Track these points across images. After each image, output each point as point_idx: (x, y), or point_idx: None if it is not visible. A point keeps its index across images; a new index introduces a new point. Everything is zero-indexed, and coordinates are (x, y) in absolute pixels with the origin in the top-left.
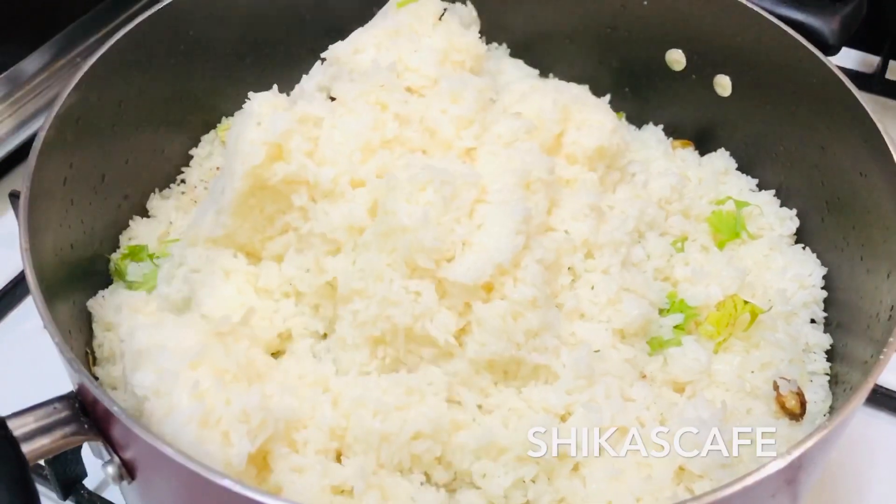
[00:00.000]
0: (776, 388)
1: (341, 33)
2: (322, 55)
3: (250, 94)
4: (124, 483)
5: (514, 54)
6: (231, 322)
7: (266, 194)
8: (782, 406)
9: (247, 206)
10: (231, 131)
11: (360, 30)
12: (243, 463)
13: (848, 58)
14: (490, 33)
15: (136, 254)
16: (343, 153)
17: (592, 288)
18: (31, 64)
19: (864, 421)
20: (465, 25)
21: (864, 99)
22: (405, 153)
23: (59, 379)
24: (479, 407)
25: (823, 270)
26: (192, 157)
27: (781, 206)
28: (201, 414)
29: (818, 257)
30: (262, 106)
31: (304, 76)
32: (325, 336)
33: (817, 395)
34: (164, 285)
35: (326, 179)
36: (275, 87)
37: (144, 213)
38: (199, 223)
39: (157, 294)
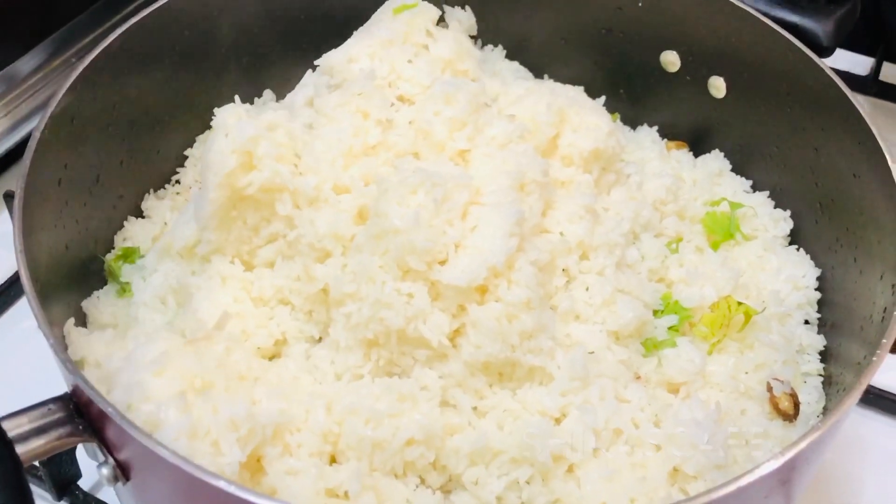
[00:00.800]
0: (770, 389)
1: (337, 35)
2: (316, 62)
3: (215, 109)
4: (119, 484)
5: (509, 55)
6: (206, 328)
7: (246, 205)
8: (776, 407)
9: (228, 218)
10: (204, 148)
11: (354, 38)
12: (236, 472)
13: (842, 59)
14: (486, 35)
15: (128, 255)
16: (325, 161)
17: (587, 289)
18: (25, 64)
19: (857, 421)
20: (465, 31)
21: (858, 101)
22: (391, 158)
23: (53, 380)
24: (474, 409)
25: (817, 272)
26: (187, 157)
27: (775, 207)
28: (189, 427)
29: (812, 258)
30: (229, 117)
31: (297, 86)
32: (319, 340)
33: (811, 396)
34: (139, 293)
35: (309, 187)
36: (237, 98)
37: (139, 214)
38: (176, 234)
39: (134, 302)
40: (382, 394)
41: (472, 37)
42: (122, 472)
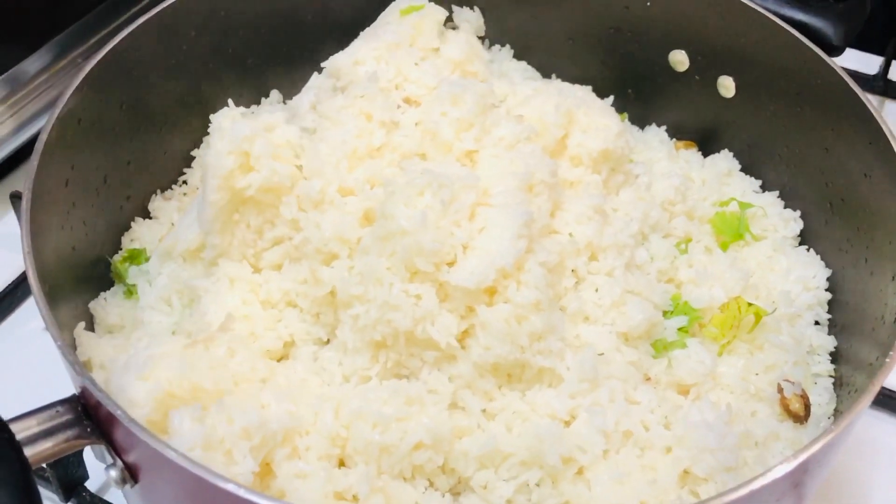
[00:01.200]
0: (780, 390)
1: (343, 36)
2: (322, 64)
3: (211, 116)
4: (127, 487)
5: (517, 55)
6: (212, 330)
7: (248, 208)
8: (786, 408)
9: (231, 221)
10: (203, 153)
11: (360, 40)
12: (249, 482)
13: (851, 58)
14: (493, 35)
15: (135, 257)
16: (329, 163)
17: (596, 290)
18: (31, 65)
19: (868, 422)
20: (473, 31)
21: (868, 100)
22: (397, 159)
23: (61, 381)
24: (483, 411)
25: (828, 272)
26: (193, 157)
27: (785, 207)
28: (204, 438)
29: (822, 259)
30: (224, 120)
31: (303, 89)
32: (327, 342)
33: (821, 398)
34: (144, 296)
35: (314, 190)
36: (230, 102)
37: (146, 215)
38: (179, 237)
39: (140, 306)
40: (390, 397)
41: (479, 37)
42: (131, 474)
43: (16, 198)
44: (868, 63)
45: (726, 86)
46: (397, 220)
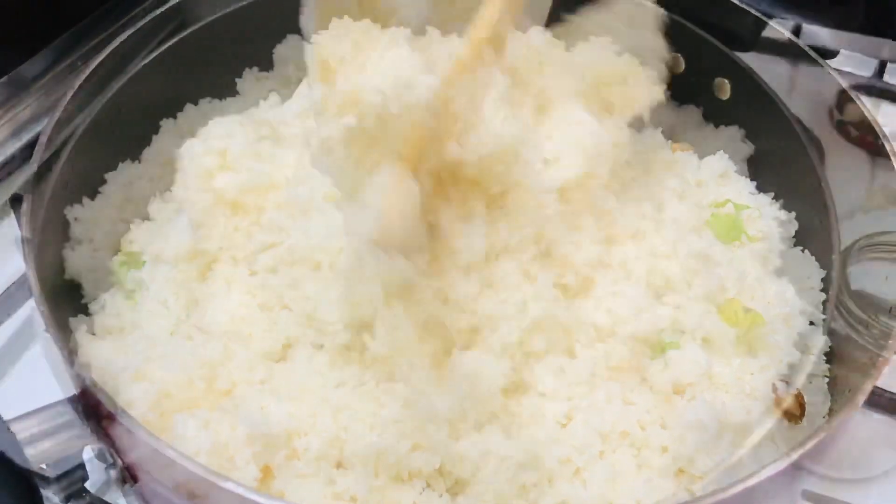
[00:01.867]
0: (775, 390)
1: None
2: None
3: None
4: (127, 486)
5: None
6: (210, 332)
7: (234, 211)
8: (781, 408)
9: (217, 225)
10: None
11: None
12: (253, 488)
13: (846, 59)
14: None
15: (134, 259)
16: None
17: (594, 291)
18: (31, 68)
19: (862, 422)
20: None
21: (862, 102)
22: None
23: (61, 382)
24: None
25: (822, 273)
26: None
27: (780, 208)
28: (209, 443)
29: (817, 260)
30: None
31: (293, 95)
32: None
33: (816, 398)
34: (142, 300)
35: (301, 198)
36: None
37: (146, 217)
38: (169, 242)
39: (139, 308)
40: (388, 400)
41: None
42: (131, 474)
43: (16, 200)
44: (864, 64)
45: (722, 88)
46: None
